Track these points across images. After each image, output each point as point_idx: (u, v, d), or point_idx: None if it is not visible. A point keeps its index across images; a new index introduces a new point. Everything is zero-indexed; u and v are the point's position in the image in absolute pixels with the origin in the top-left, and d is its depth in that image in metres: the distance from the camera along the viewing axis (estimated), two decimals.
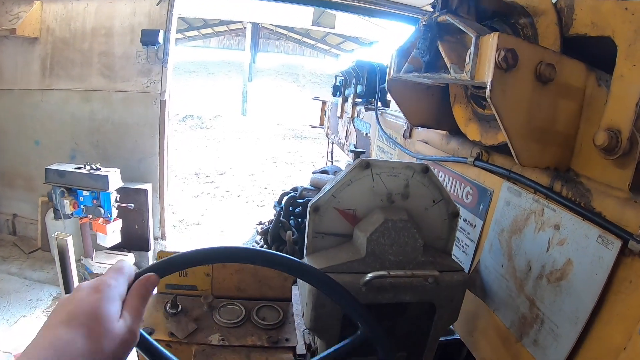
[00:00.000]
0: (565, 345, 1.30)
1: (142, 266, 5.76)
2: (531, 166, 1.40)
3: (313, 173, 4.92)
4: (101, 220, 5.58)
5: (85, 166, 5.46)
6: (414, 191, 1.46)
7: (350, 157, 4.62)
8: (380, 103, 3.77)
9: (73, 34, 6.74)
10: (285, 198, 4.59)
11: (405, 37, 1.74)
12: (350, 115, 4.63)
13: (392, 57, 1.81)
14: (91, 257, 6.03)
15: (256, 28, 31.00)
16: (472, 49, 1.23)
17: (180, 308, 1.97)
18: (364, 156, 1.55)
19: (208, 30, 34.25)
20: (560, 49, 1.42)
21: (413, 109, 1.99)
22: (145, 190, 6.75)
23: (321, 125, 7.35)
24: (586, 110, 1.37)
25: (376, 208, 1.43)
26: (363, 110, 4.14)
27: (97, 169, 5.42)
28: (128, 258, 6.40)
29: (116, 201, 5.60)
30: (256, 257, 1.16)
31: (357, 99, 4.51)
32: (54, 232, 5.92)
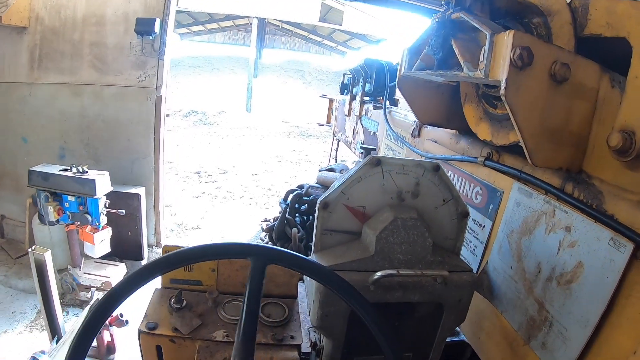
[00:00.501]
0: (574, 348, 1.29)
1: None
2: (544, 166, 1.38)
3: (319, 170, 4.92)
4: (89, 228, 5.03)
5: (71, 168, 4.90)
6: (424, 190, 1.45)
7: (357, 155, 4.61)
8: (388, 102, 3.76)
9: (63, 23, 6.15)
10: (291, 195, 4.58)
11: (416, 35, 1.73)
12: (358, 113, 4.63)
13: (404, 55, 1.80)
14: (79, 267, 5.50)
15: (262, 23, 30.92)
16: (487, 47, 1.22)
17: (184, 303, 1.96)
18: (373, 154, 1.54)
19: (214, 25, 34.25)
20: (574, 49, 1.41)
21: (423, 107, 1.98)
22: (137, 195, 6.11)
23: (328, 123, 7.33)
24: (599, 111, 1.36)
25: (386, 206, 1.42)
26: (371, 108, 4.13)
27: (84, 172, 4.84)
28: (119, 268, 5.85)
29: (105, 207, 5.08)
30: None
31: (365, 97, 4.49)
32: (40, 238, 5.60)
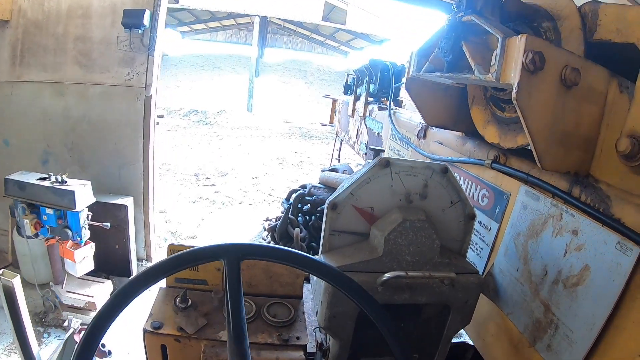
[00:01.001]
0: (579, 351, 1.30)
1: None
2: (553, 170, 1.40)
3: (322, 171, 4.93)
4: (69, 243, 4.47)
5: (50, 177, 4.33)
6: (432, 191, 1.46)
7: (360, 156, 4.61)
8: (392, 103, 3.77)
9: (47, 16, 5.60)
10: (293, 195, 4.59)
11: (423, 36, 1.74)
12: (362, 114, 4.64)
13: (412, 56, 1.81)
14: (62, 285, 4.94)
15: (264, 22, 30.92)
16: (499, 50, 1.23)
17: (190, 303, 1.95)
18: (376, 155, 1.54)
19: (215, 23, 34.27)
20: (584, 54, 1.42)
21: (430, 109, 1.99)
22: (124, 206, 5.56)
23: (331, 123, 7.33)
24: (607, 116, 1.37)
25: (394, 207, 1.43)
26: (376, 109, 4.14)
27: (63, 182, 4.27)
28: (105, 286, 5.28)
29: (88, 219, 4.50)
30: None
31: (370, 98, 4.51)
32: (20, 250, 5.17)
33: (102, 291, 5.15)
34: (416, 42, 1.80)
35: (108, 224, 4.57)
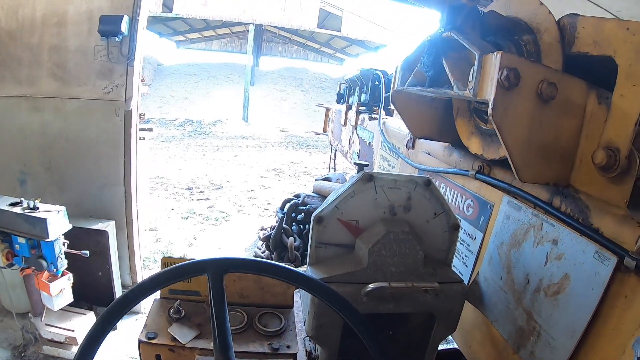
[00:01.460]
0: (561, 357, 1.33)
1: None
2: (531, 182, 1.43)
3: (316, 180, 4.96)
4: (45, 274, 3.98)
5: (22, 202, 3.84)
6: (416, 204, 1.49)
7: (353, 165, 4.64)
8: (384, 112, 3.80)
9: (21, 25, 5.07)
10: (287, 205, 4.62)
11: (410, 50, 1.77)
12: (353, 123, 4.67)
13: (397, 70, 1.84)
14: (41, 317, 4.42)
15: (259, 31, 30.97)
16: (476, 67, 1.26)
17: (183, 313, 1.99)
18: (368, 167, 1.58)
19: (210, 32, 34.39)
20: (562, 67, 1.46)
21: (416, 121, 2.02)
22: (104, 232, 5.00)
23: (325, 132, 7.35)
24: (586, 127, 1.40)
25: (379, 220, 1.46)
26: (367, 118, 4.18)
27: (35, 208, 3.79)
28: (86, 318, 4.75)
29: (63, 246, 3.97)
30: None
31: (361, 107, 4.55)
32: None
33: (84, 324, 4.68)
34: (404, 56, 1.84)
35: (87, 252, 4.04)
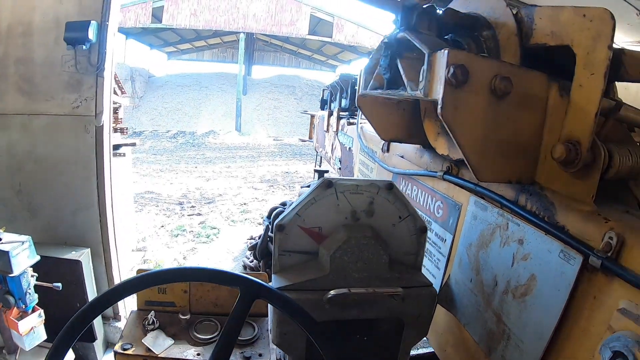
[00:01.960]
0: None
1: None
2: (491, 181, 1.40)
3: (301, 187, 4.94)
4: (14, 312, 3.49)
5: None
6: (379, 208, 1.46)
7: (336, 170, 4.62)
8: (363, 117, 3.79)
9: None
10: (274, 212, 4.60)
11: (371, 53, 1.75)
12: (335, 129, 4.66)
13: (360, 74, 1.82)
14: (15, 354, 3.90)
15: (250, 39, 31.08)
16: (425, 66, 1.24)
17: (158, 324, 2.00)
18: (348, 170, 1.56)
19: (201, 42, 34.56)
20: (519, 60, 1.43)
21: (384, 124, 2.00)
22: (77, 262, 4.47)
23: (310, 138, 7.36)
24: (549, 121, 1.37)
25: (340, 226, 1.44)
26: (346, 124, 4.17)
27: None
28: (66, 355, 3.53)
29: (32, 279, 3.48)
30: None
31: (342, 113, 4.52)
32: None
33: None
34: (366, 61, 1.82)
35: (60, 285, 3.58)
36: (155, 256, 7.60)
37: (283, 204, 4.83)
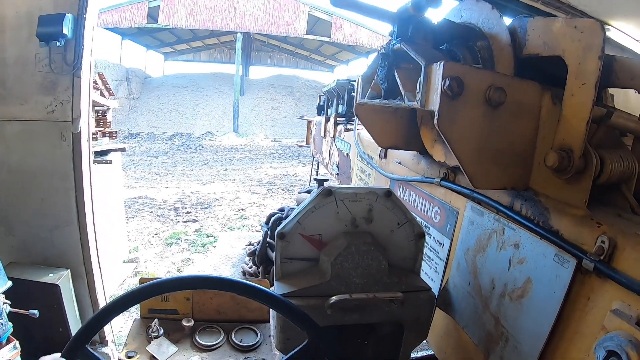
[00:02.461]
0: None
1: None
2: (486, 188, 1.43)
3: (299, 192, 4.96)
4: None
5: None
6: (378, 215, 1.50)
7: (334, 176, 4.62)
8: (360, 123, 3.82)
9: None
10: (272, 219, 4.62)
11: (368, 62, 1.78)
12: (332, 134, 4.69)
13: (358, 83, 1.86)
14: None
15: (248, 39, 31.01)
16: (422, 77, 1.27)
17: (161, 331, 2.02)
18: (346, 176, 1.59)
19: (198, 42, 34.53)
20: (513, 70, 1.46)
21: (381, 132, 2.03)
22: (54, 286, 3.84)
23: (307, 144, 7.34)
24: (542, 129, 1.41)
25: (340, 233, 1.47)
26: (343, 130, 4.19)
27: None
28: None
29: (4, 305, 2.98)
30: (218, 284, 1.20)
31: (339, 118, 4.57)
32: None
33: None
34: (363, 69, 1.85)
35: (36, 312, 3.18)
36: (147, 268, 7.19)
37: (281, 210, 4.85)
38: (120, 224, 7.32)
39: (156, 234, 8.80)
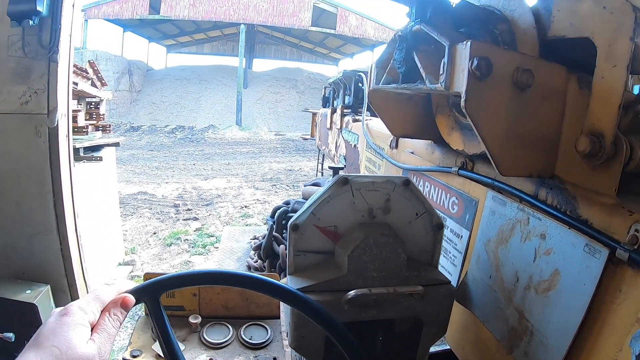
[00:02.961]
0: (555, 357, 1.27)
1: None
2: (513, 175, 1.37)
3: (305, 185, 4.92)
4: None
5: None
6: (396, 205, 1.43)
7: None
8: (368, 113, 3.76)
9: None
10: (277, 212, 4.58)
11: (383, 48, 1.72)
12: (339, 126, 4.62)
13: (372, 69, 1.79)
14: None
15: (251, 31, 30.85)
16: (446, 58, 1.21)
17: None
18: (354, 167, 1.53)
19: (201, 35, 34.51)
20: (538, 53, 1.40)
21: (395, 120, 1.97)
22: (32, 305, 3.29)
23: (312, 137, 7.30)
24: (569, 114, 1.34)
25: (357, 224, 1.41)
26: (351, 121, 4.13)
27: None
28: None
29: None
30: (249, 282, 1.13)
31: (346, 110, 4.51)
32: None
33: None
34: (378, 54, 1.79)
35: (12, 335, 2.87)
36: (144, 270, 6.62)
37: (287, 203, 4.79)
38: (115, 224, 7.00)
39: (155, 234, 8.47)
